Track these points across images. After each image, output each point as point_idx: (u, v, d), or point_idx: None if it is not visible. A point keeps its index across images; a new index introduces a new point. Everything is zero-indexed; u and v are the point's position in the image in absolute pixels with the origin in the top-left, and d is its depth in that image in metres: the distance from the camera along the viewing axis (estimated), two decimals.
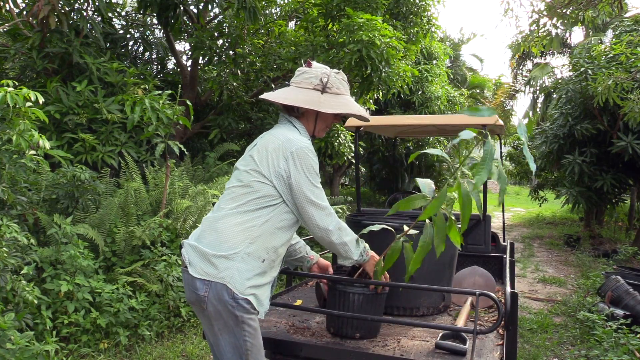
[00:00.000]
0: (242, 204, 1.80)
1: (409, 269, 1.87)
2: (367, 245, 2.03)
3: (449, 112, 11.90)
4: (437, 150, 1.83)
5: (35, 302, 3.26)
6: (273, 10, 8.28)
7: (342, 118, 2.24)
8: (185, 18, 6.77)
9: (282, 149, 1.80)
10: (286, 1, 8.03)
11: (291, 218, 1.87)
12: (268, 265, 1.81)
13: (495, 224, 10.98)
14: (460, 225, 1.76)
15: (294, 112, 1.95)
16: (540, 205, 13.67)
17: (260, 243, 1.77)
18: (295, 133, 1.88)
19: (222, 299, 1.71)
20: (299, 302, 2.61)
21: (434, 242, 1.79)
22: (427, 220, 1.81)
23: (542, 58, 15.48)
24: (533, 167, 1.58)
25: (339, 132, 8.17)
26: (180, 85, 5.14)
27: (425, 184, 1.79)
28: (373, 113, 9.15)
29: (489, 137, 1.59)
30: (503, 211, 4.59)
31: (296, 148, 1.80)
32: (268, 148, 1.83)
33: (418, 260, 1.83)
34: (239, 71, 6.94)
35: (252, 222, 1.77)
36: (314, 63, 1.96)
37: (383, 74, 6.64)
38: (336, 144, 7.99)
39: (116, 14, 7.07)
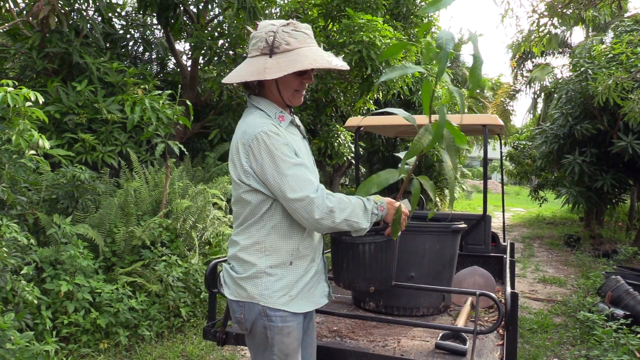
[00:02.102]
0: (242, 221, 1.70)
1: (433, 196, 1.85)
2: (379, 199, 1.73)
3: (449, 112, 11.89)
4: (400, 110, 1.77)
5: (35, 302, 3.26)
6: (273, 11, 8.27)
7: (318, 72, 2.03)
8: (185, 18, 6.76)
9: (240, 146, 1.62)
10: (286, 1, 8.03)
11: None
12: (301, 265, 1.68)
13: (495, 224, 10.98)
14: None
15: (253, 89, 1.71)
16: (540, 205, 13.66)
17: (277, 251, 1.65)
18: (254, 116, 1.64)
19: (257, 318, 1.65)
20: None
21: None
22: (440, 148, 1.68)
23: (543, 58, 15.49)
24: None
25: (339, 132, 8.17)
26: (180, 85, 5.13)
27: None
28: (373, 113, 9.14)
29: (477, 50, 1.52)
30: (503, 211, 4.60)
31: (250, 139, 1.58)
32: (232, 150, 1.67)
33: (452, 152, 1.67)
34: None
35: (258, 236, 1.66)
36: (261, 22, 1.65)
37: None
38: (336, 144, 7.99)
39: (116, 14, 7.07)
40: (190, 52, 7.41)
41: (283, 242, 1.66)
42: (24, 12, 5.87)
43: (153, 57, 8.37)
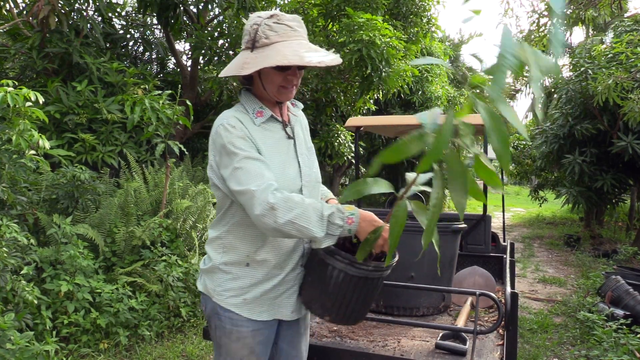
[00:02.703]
0: (215, 215, 1.69)
1: (425, 237, 1.20)
2: (350, 209, 1.49)
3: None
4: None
5: (35, 302, 3.26)
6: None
7: (317, 71, 1.66)
8: (185, 18, 6.77)
9: (210, 140, 1.60)
10: (286, 1, 8.03)
11: None
12: (261, 269, 1.59)
13: (495, 224, 10.98)
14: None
15: (245, 83, 1.67)
16: (540, 205, 13.66)
17: (234, 250, 1.60)
18: (228, 111, 1.61)
19: (211, 314, 1.63)
20: None
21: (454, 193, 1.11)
22: (436, 166, 1.20)
23: None
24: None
25: (339, 132, 8.17)
26: (180, 85, 5.14)
27: (427, 115, 1.09)
28: (373, 113, 9.15)
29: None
30: (503, 211, 4.60)
31: (213, 132, 1.56)
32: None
33: (433, 223, 1.16)
34: None
35: (220, 232, 1.63)
36: (251, 15, 1.57)
37: (383, 74, 6.65)
38: (336, 144, 7.99)
39: (116, 14, 7.07)
40: (190, 52, 7.41)
41: (240, 241, 1.59)
42: (24, 12, 5.87)
43: (153, 57, 8.38)
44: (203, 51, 6.48)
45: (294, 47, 1.48)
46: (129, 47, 7.72)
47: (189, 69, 7.23)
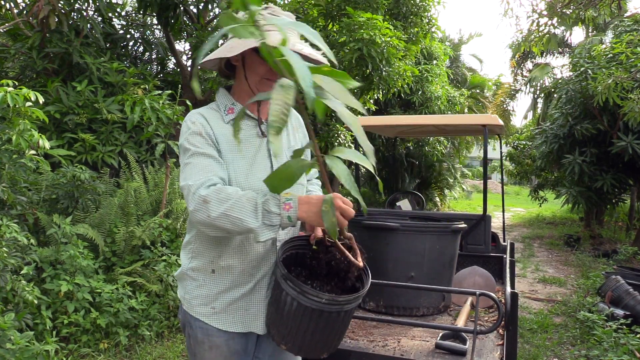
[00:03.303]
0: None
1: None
2: (287, 195, 1.35)
3: (449, 112, 11.91)
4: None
5: (35, 302, 3.26)
6: None
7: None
8: (185, 18, 6.77)
9: None
10: (286, 1, 8.03)
11: None
12: (226, 277, 1.50)
13: (495, 224, 10.98)
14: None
15: (226, 77, 1.63)
16: (540, 205, 13.66)
17: (200, 255, 1.53)
18: (202, 108, 1.56)
19: (184, 321, 1.58)
20: None
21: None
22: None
23: (543, 58, 15.50)
24: None
25: (339, 132, 8.17)
26: (180, 85, 5.14)
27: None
28: (373, 113, 9.15)
29: None
30: (503, 211, 4.60)
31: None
32: None
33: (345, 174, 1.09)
34: None
35: (190, 236, 1.57)
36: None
37: (383, 73, 6.65)
38: (336, 144, 7.99)
39: (116, 14, 7.08)
40: (190, 52, 7.41)
41: (205, 246, 1.51)
42: (24, 12, 5.87)
43: (153, 57, 8.38)
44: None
45: (276, 37, 1.41)
46: (129, 47, 7.72)
47: (189, 69, 7.23)
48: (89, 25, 5.66)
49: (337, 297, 1.31)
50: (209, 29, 6.91)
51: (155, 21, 7.75)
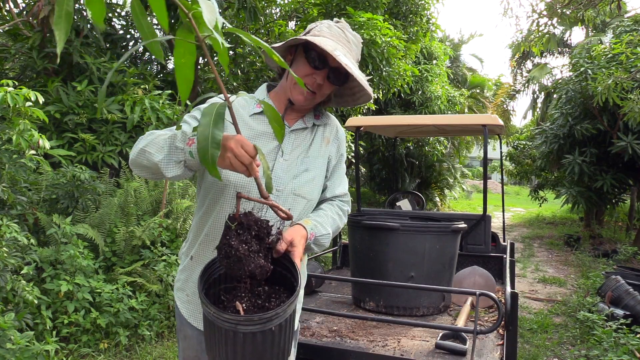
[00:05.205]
0: None
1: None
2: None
3: (449, 112, 11.90)
4: None
5: (35, 302, 3.26)
6: (273, 10, 8.27)
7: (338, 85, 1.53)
8: None
9: None
10: (286, 1, 8.03)
11: (202, 195, 1.51)
12: (198, 266, 1.44)
13: (495, 224, 10.98)
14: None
15: (279, 74, 1.71)
16: (540, 205, 13.67)
17: (188, 241, 1.58)
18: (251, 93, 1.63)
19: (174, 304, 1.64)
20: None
21: None
22: None
23: (542, 58, 15.50)
24: None
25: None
26: None
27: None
28: (373, 113, 9.15)
29: None
30: (503, 211, 4.60)
31: None
32: None
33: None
34: (239, 71, 6.94)
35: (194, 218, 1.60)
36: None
37: (384, 73, 6.65)
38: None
39: (116, 14, 7.07)
40: None
41: (193, 232, 1.53)
42: (24, 12, 5.87)
43: (153, 57, 8.37)
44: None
45: (335, 46, 1.44)
46: (129, 47, 7.71)
47: None
48: (89, 25, 5.66)
49: (237, 316, 1.10)
50: None
51: (155, 21, 7.75)
